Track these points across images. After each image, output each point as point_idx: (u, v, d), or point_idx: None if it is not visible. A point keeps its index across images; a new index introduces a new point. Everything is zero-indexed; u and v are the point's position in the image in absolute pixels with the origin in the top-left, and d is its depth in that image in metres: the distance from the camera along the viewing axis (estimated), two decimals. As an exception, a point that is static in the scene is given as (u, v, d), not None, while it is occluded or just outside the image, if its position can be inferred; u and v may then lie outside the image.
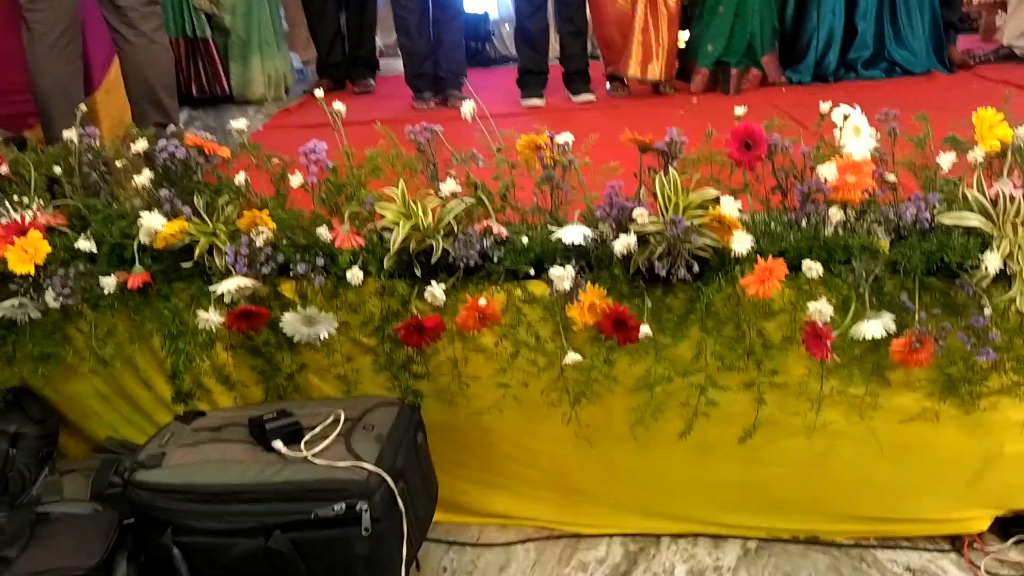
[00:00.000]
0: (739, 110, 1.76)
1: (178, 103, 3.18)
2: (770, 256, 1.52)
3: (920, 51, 4.18)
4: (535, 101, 4.12)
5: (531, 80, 4.16)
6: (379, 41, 5.79)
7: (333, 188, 1.82)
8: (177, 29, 4.51)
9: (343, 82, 4.98)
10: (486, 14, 5.96)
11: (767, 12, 4.10)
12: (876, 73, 4.17)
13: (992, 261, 1.50)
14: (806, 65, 4.22)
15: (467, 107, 1.78)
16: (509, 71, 4.55)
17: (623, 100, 4.18)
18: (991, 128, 1.57)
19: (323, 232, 1.76)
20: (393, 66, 5.61)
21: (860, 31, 4.17)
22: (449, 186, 1.74)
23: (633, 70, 4.05)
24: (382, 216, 1.73)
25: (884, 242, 1.61)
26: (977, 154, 1.57)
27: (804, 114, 3.56)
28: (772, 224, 1.70)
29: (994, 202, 1.56)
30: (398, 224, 1.70)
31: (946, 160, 1.64)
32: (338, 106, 1.83)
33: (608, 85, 4.34)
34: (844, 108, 1.70)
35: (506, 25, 5.92)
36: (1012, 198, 1.54)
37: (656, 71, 4.06)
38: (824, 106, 1.73)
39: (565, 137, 1.77)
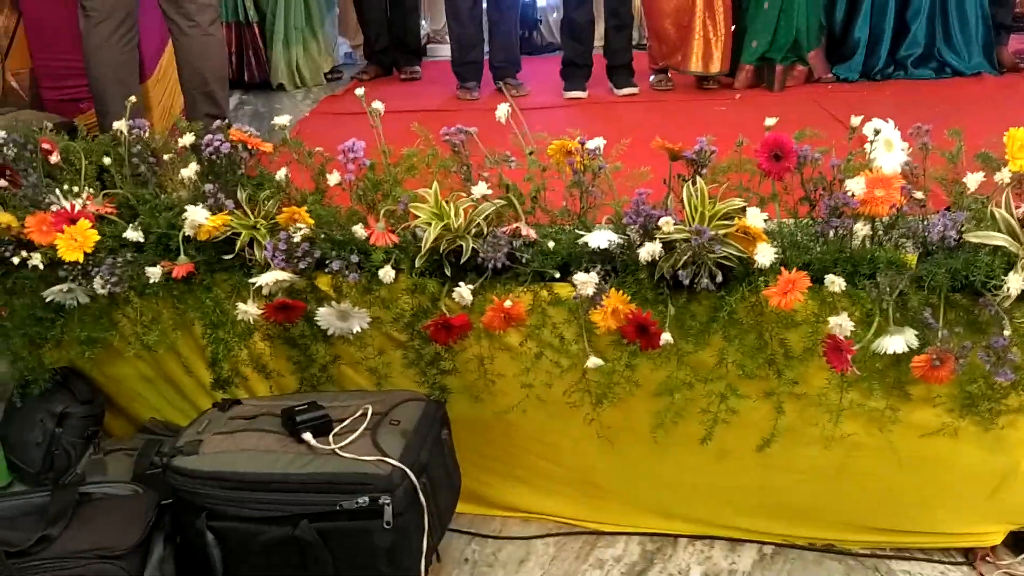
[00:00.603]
0: (770, 121, 1.77)
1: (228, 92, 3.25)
2: (794, 268, 1.55)
3: (969, 51, 4.11)
4: (578, 93, 4.13)
5: (574, 72, 4.18)
6: (427, 26, 5.83)
7: (370, 185, 1.88)
8: (228, 13, 4.60)
9: (390, 68, 5.03)
10: (534, 1, 5.96)
11: (813, 7, 4.06)
12: (926, 72, 4.11)
13: (1015, 282, 1.51)
14: (855, 63, 4.17)
15: (501, 109, 1.82)
16: (555, 59, 4.56)
17: (667, 94, 4.17)
18: (1022, 148, 1.57)
19: (359, 230, 1.82)
20: (441, 51, 5.67)
21: (912, 29, 4.11)
22: (480, 189, 1.78)
23: (695, 66, 4.04)
24: (416, 215, 1.78)
25: (912, 256, 1.62)
26: (1005, 174, 1.57)
27: (848, 113, 3.54)
28: (799, 235, 1.72)
29: (1021, 222, 1.56)
30: (430, 224, 1.75)
31: (973, 180, 1.64)
32: (377, 105, 1.88)
33: (652, 77, 4.34)
34: (876, 122, 1.71)
35: (554, 12, 5.92)
36: (1039, 219, 1.54)
37: (717, 65, 4.05)
38: (855, 120, 1.73)
39: (596, 142, 1.79)
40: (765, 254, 1.58)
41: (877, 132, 1.68)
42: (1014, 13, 4.39)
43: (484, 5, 4.32)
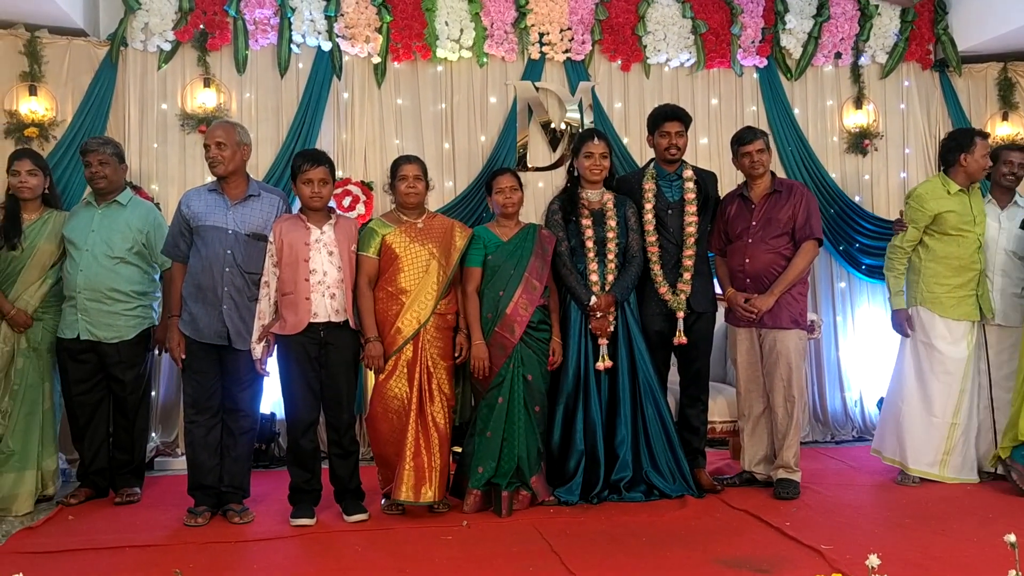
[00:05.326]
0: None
1: None
2: None
3: (673, 475, 4.49)
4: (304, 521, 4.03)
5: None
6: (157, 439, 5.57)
7: None
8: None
9: (106, 489, 4.69)
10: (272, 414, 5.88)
11: (531, 435, 4.34)
12: (636, 496, 4.40)
13: None
14: (574, 485, 4.41)
15: None
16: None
17: (395, 520, 4.15)
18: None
19: None
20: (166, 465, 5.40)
21: (620, 455, 4.45)
22: None
23: (405, 494, 4.09)
24: None
25: None
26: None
27: (565, 543, 3.63)
28: None
29: None
30: None
31: None
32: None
33: (383, 502, 4.33)
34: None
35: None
36: None
37: (429, 494, 4.11)
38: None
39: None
40: None
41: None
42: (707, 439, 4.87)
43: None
